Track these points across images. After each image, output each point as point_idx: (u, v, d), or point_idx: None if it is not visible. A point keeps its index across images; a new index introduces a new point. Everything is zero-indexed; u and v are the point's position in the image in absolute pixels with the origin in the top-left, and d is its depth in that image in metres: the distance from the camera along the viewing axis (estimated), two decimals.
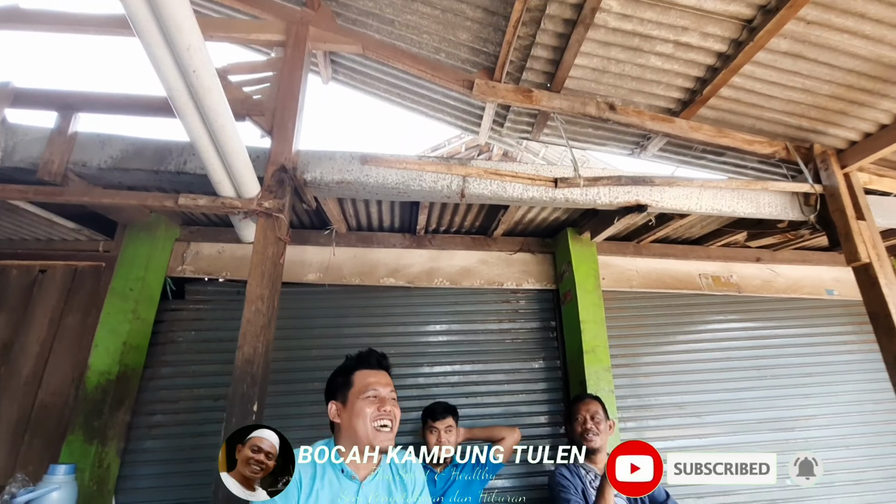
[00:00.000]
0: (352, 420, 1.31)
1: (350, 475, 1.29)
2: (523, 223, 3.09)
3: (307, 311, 2.99)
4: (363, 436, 1.29)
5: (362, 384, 1.36)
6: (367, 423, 1.29)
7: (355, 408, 1.32)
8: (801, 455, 2.89)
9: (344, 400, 1.36)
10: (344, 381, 1.39)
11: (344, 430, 1.33)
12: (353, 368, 1.41)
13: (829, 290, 3.40)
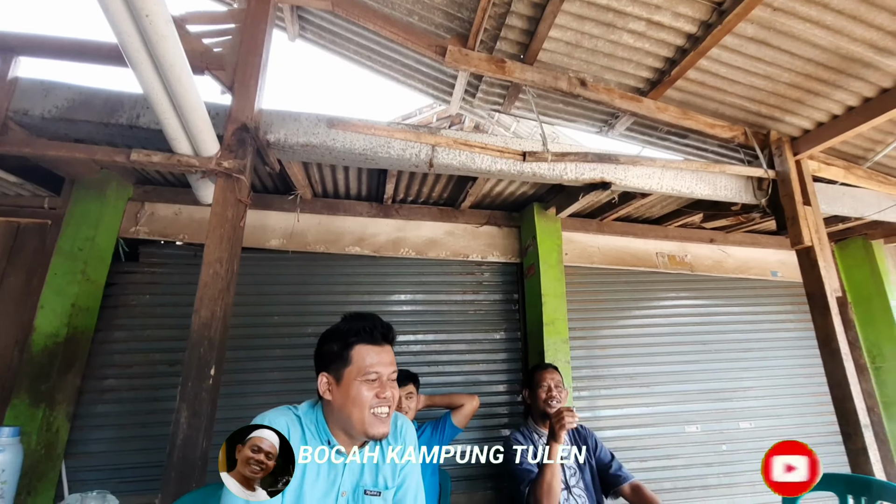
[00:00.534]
0: (345, 403, 1.11)
1: (336, 448, 1.15)
2: (491, 196, 3.10)
3: (269, 278, 2.94)
4: (357, 423, 1.10)
5: (362, 364, 1.13)
6: (363, 410, 1.10)
7: (351, 390, 1.11)
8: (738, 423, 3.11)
9: (338, 377, 1.14)
10: (340, 354, 1.15)
11: (335, 411, 1.14)
12: (353, 342, 1.15)
13: (773, 271, 3.60)
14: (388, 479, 1.18)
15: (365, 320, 1.18)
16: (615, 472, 2.15)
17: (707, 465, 3.06)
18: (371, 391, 1.12)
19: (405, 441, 1.23)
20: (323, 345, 1.20)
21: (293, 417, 1.14)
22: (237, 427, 2.76)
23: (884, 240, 3.57)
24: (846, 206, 2.74)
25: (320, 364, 1.19)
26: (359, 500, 1.13)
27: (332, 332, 1.20)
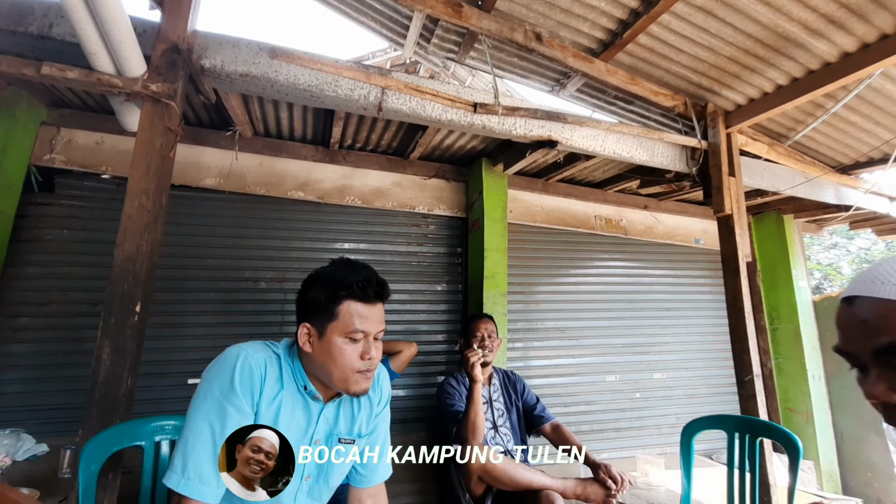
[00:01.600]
0: (326, 359, 1.02)
1: (313, 394, 1.08)
2: (441, 149, 3.07)
3: (204, 219, 2.79)
4: (338, 380, 1.03)
5: (349, 321, 1.02)
6: (344, 369, 1.02)
7: (334, 346, 1.01)
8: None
9: (321, 330, 1.03)
10: (326, 307, 1.03)
11: (314, 363, 1.05)
12: (343, 297, 1.03)
13: (697, 239, 3.89)
14: (362, 428, 1.16)
15: (359, 273, 1.04)
16: (538, 413, 2.33)
17: (621, 410, 3.36)
18: (356, 350, 1.02)
19: (382, 391, 1.21)
20: (307, 291, 1.07)
21: (272, 355, 1.06)
22: (168, 370, 2.69)
23: (794, 215, 3.93)
24: (765, 180, 2.97)
25: (302, 312, 1.07)
26: (332, 448, 1.10)
27: (320, 278, 1.06)
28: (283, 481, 1.01)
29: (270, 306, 2.80)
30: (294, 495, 1.04)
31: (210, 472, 0.92)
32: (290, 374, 1.07)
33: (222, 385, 0.96)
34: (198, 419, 0.95)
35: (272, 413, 1.01)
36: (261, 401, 1.00)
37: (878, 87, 2.41)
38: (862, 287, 0.67)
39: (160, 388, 2.53)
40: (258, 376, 1.00)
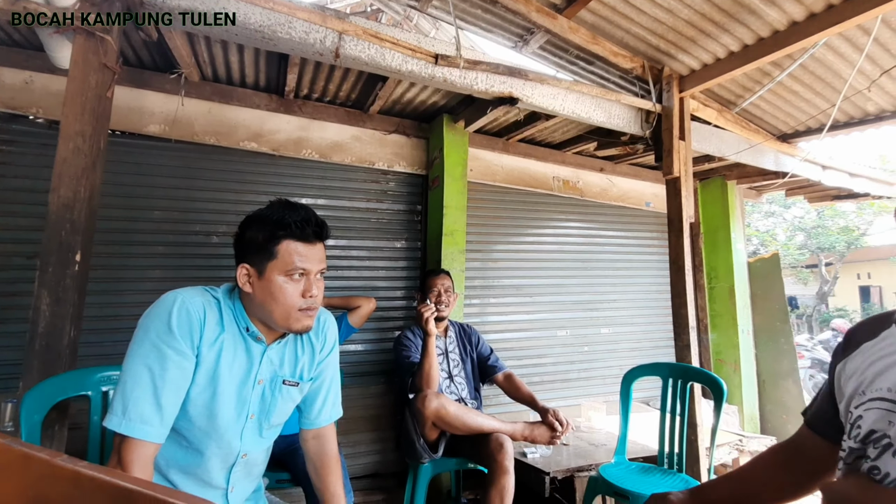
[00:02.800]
0: (266, 298, 1.02)
1: (255, 336, 1.08)
2: (401, 103, 3.01)
3: (149, 168, 2.64)
4: (279, 319, 1.04)
5: (289, 259, 1.02)
6: (286, 307, 1.02)
7: (274, 285, 1.02)
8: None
9: (260, 270, 1.03)
10: (265, 246, 1.02)
11: (255, 303, 1.05)
12: (281, 236, 1.02)
13: (647, 202, 4.05)
14: (305, 371, 1.17)
15: (296, 213, 1.04)
16: (492, 363, 2.44)
17: (570, 362, 3.56)
18: (297, 289, 1.03)
19: (326, 335, 1.21)
20: (245, 232, 1.07)
21: (210, 299, 1.06)
22: (116, 325, 2.61)
23: (737, 181, 4.15)
24: (713, 145, 3.11)
25: (240, 253, 1.07)
26: (276, 389, 1.11)
27: (257, 219, 1.06)
28: (227, 419, 1.04)
29: (224, 261, 2.72)
30: (240, 433, 1.07)
31: (151, 413, 0.92)
32: (231, 316, 1.07)
33: (159, 329, 0.96)
34: (136, 362, 0.94)
35: (214, 355, 1.02)
36: (201, 344, 1.00)
37: (820, 58, 2.53)
38: None
39: (108, 344, 2.46)
40: (197, 320, 0.99)
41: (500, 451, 1.93)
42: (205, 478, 1.06)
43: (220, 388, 1.02)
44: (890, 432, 0.73)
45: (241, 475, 1.11)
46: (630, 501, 1.83)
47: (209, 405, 1.02)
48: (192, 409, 1.00)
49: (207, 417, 1.02)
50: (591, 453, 2.39)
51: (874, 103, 2.88)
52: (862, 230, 14.40)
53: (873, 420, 0.77)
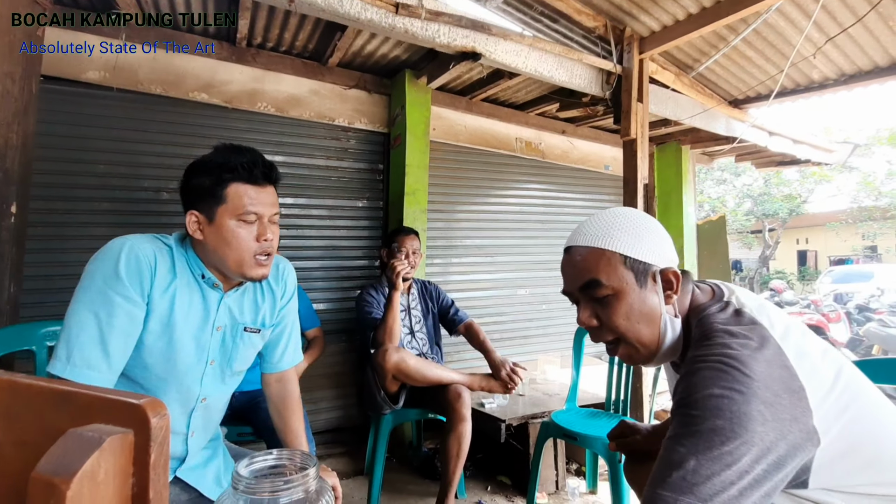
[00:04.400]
0: (219, 244, 1.00)
1: (212, 283, 1.05)
2: (362, 56, 2.91)
3: (91, 119, 2.47)
4: (233, 265, 1.01)
5: (239, 203, 1.00)
6: (240, 251, 1.00)
7: (225, 230, 0.99)
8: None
9: (210, 215, 1.00)
10: (212, 191, 0.99)
11: (208, 250, 1.03)
12: (228, 179, 1.00)
13: (606, 165, 4.15)
14: (267, 317, 1.17)
15: (242, 155, 1.01)
16: (453, 316, 2.50)
17: (530, 320, 3.70)
18: (250, 233, 1.01)
19: (287, 282, 1.21)
20: (190, 179, 1.03)
21: (161, 246, 1.02)
22: (61, 284, 2.50)
23: (690, 146, 4.30)
24: (669, 108, 3.19)
25: (188, 200, 1.03)
26: (237, 336, 1.11)
27: (202, 165, 1.02)
28: (186, 365, 1.04)
29: (176, 218, 2.61)
30: (200, 379, 1.07)
31: (98, 358, 0.90)
32: (185, 264, 1.05)
33: (106, 274, 0.93)
34: (81, 308, 0.91)
35: (167, 302, 1.00)
36: (152, 291, 0.98)
37: (772, 23, 2.61)
38: (574, 238, 0.86)
39: (52, 304, 2.35)
40: (147, 266, 0.97)
41: (458, 400, 2.01)
42: None
43: (177, 335, 1.01)
44: None
45: (201, 420, 1.11)
46: (578, 441, 1.97)
47: (166, 352, 1.01)
48: (149, 357, 0.99)
49: (165, 363, 1.01)
50: (544, 402, 2.53)
51: (819, 71, 3.02)
52: (803, 198, 15.30)
53: None
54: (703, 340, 0.75)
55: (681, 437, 0.66)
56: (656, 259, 0.81)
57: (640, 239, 0.80)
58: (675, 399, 0.73)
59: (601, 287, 0.80)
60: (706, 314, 0.80)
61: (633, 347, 0.83)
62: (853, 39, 2.65)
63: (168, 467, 0.28)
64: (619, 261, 0.80)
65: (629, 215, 0.84)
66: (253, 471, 0.69)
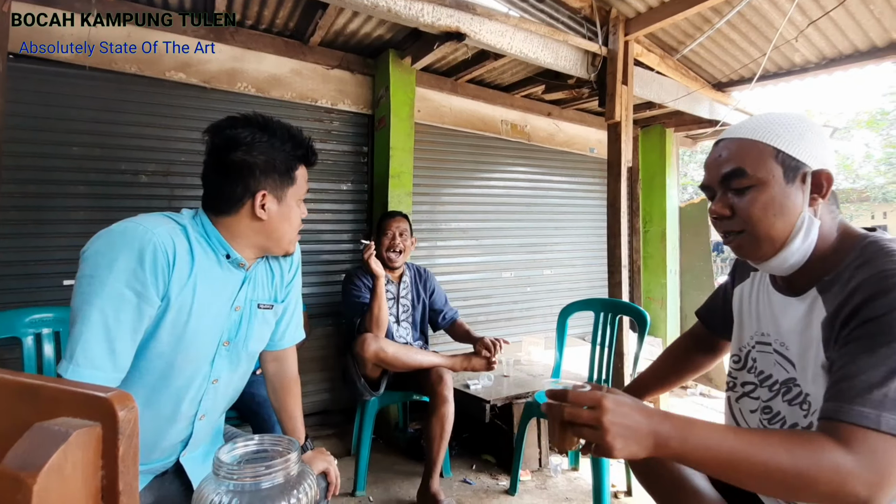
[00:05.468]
0: (282, 223, 1.05)
1: (237, 262, 1.04)
2: (344, 35, 2.84)
3: (63, 99, 2.38)
4: (286, 243, 1.08)
5: (303, 185, 1.09)
6: (293, 233, 1.09)
7: (292, 211, 1.06)
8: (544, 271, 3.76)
9: (280, 196, 1.03)
10: (286, 173, 1.04)
11: (265, 231, 1.04)
12: (297, 161, 1.06)
13: (591, 148, 4.16)
14: (278, 293, 1.17)
15: (303, 138, 1.08)
16: (443, 312, 2.50)
17: (514, 302, 3.74)
18: (301, 213, 1.11)
19: (292, 259, 1.23)
20: (250, 153, 0.99)
21: (175, 226, 0.97)
22: (39, 270, 2.45)
23: (674, 129, 4.32)
24: (654, 91, 3.19)
25: (250, 178, 1.00)
26: (252, 314, 1.09)
27: (262, 144, 1.00)
28: (199, 349, 1.00)
29: (155, 202, 2.58)
30: (212, 359, 1.03)
31: (102, 357, 0.86)
32: (205, 244, 1.01)
33: (115, 266, 0.86)
34: (85, 304, 0.86)
35: (188, 294, 0.96)
36: (170, 286, 0.92)
37: (756, 6, 2.61)
38: (726, 133, 0.86)
39: (31, 290, 2.31)
40: (164, 259, 0.91)
41: (440, 382, 2.04)
42: (175, 408, 1.02)
43: (194, 323, 0.97)
44: (780, 378, 0.89)
45: (211, 403, 1.08)
46: None
47: (181, 340, 0.96)
48: (163, 346, 0.95)
49: (177, 351, 0.97)
50: (528, 383, 2.58)
51: (801, 55, 3.04)
52: None
53: (766, 364, 0.93)
54: (883, 258, 0.74)
55: (877, 353, 0.67)
56: (811, 159, 0.79)
57: (800, 136, 0.79)
58: (851, 314, 0.72)
59: (745, 177, 0.79)
60: (877, 238, 0.78)
61: (757, 241, 0.81)
62: (835, 23, 2.67)
63: (138, 458, 0.28)
64: (770, 153, 0.79)
65: (794, 114, 0.82)
66: (234, 456, 0.70)
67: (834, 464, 0.63)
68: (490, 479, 2.36)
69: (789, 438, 0.67)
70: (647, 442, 0.67)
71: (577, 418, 0.69)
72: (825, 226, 0.82)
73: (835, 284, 0.78)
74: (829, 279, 0.80)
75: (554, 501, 2.17)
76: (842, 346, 0.72)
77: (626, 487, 2.24)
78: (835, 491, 0.63)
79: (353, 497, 2.16)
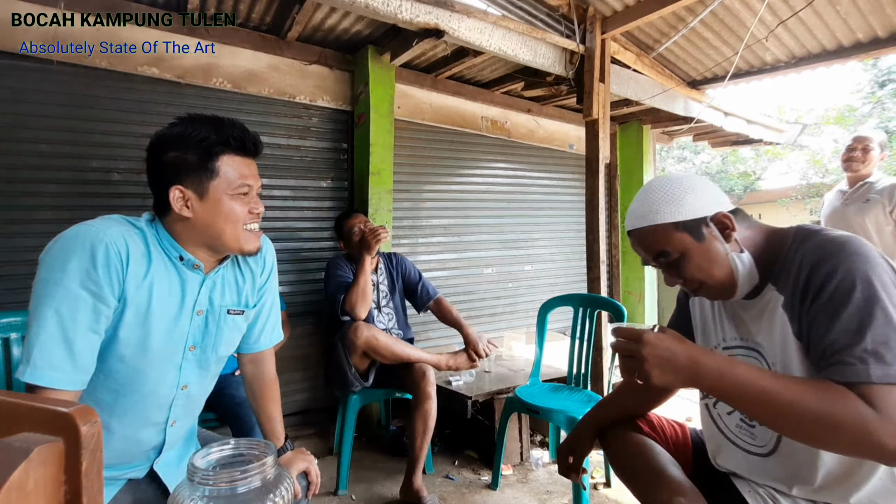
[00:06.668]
0: (215, 219, 0.97)
1: (191, 264, 1.01)
2: (322, 30, 2.81)
3: (30, 95, 2.30)
4: (231, 240, 1.00)
5: (233, 176, 0.97)
6: (237, 226, 0.99)
7: (222, 205, 0.97)
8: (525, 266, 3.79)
9: (201, 191, 0.96)
10: (203, 165, 0.96)
11: (197, 228, 0.99)
12: (219, 151, 0.96)
13: (571, 144, 4.20)
14: (249, 298, 1.13)
15: (232, 127, 0.98)
16: (420, 291, 2.52)
17: (497, 298, 3.77)
18: (244, 206, 1.00)
19: (265, 259, 1.18)
20: (166, 153, 0.96)
21: (131, 228, 0.96)
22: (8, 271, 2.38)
23: (651, 126, 4.39)
24: (630, 89, 3.24)
25: (169, 175, 0.96)
26: (221, 320, 1.06)
27: (181, 138, 0.96)
28: (164, 354, 0.99)
29: (128, 200, 2.51)
30: (179, 366, 1.02)
31: (61, 358, 0.85)
32: (160, 247, 0.99)
33: (68, 267, 0.86)
34: (40, 306, 0.85)
35: (145, 292, 0.95)
36: (126, 284, 0.91)
37: (728, 6, 2.66)
38: (630, 223, 0.98)
39: None
40: (117, 256, 0.90)
41: (423, 378, 2.05)
42: (143, 414, 1.01)
43: (154, 323, 0.96)
44: None
45: (182, 409, 1.07)
46: (541, 415, 2.05)
47: (142, 342, 0.95)
48: (125, 349, 0.94)
49: (142, 354, 0.96)
50: (510, 378, 2.60)
51: (772, 53, 3.12)
52: (757, 175, 15.95)
53: None
54: (814, 235, 0.85)
55: (841, 318, 0.75)
56: (702, 212, 0.90)
57: (681, 203, 0.90)
58: (805, 288, 0.81)
59: (668, 255, 0.92)
60: (802, 225, 0.90)
61: (714, 288, 0.93)
62: (803, 23, 2.75)
63: (102, 473, 0.28)
64: (671, 228, 0.90)
65: (664, 186, 0.93)
66: (209, 462, 0.70)
67: (858, 413, 0.69)
68: (472, 474, 2.38)
69: (818, 385, 0.74)
70: (683, 374, 0.78)
71: (623, 350, 0.81)
72: (749, 240, 0.92)
73: (782, 271, 0.88)
74: (776, 271, 0.90)
75: (535, 494, 2.20)
76: (810, 324, 0.80)
77: (605, 479, 2.29)
78: (858, 439, 0.69)
79: (336, 496, 2.16)
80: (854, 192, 2.66)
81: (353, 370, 2.13)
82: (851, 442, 0.70)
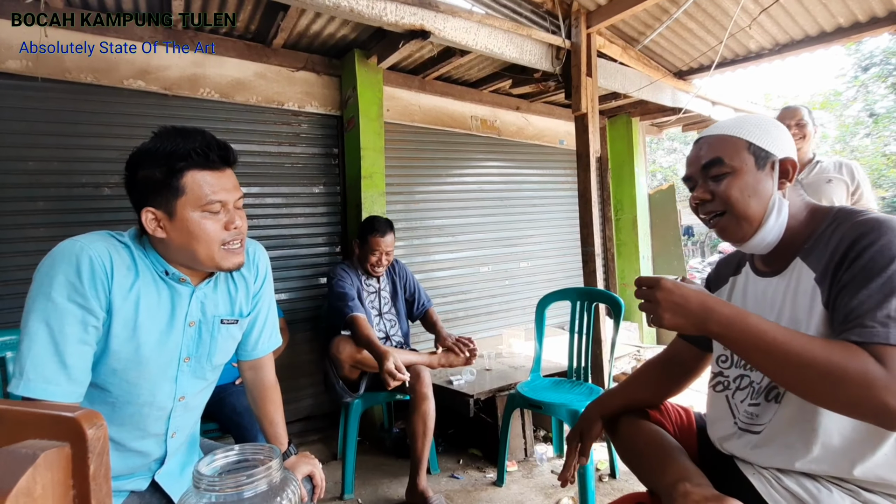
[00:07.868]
0: (187, 240, 0.94)
1: (177, 278, 0.99)
2: (308, 36, 2.81)
3: (15, 112, 2.29)
4: (205, 259, 0.96)
5: (199, 193, 0.92)
6: (210, 245, 0.95)
7: (190, 224, 0.93)
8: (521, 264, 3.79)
9: (170, 211, 0.92)
10: (167, 183, 0.91)
11: (172, 247, 0.96)
12: (182, 168, 0.91)
13: (561, 140, 4.22)
14: (243, 307, 1.13)
15: (193, 139, 0.92)
16: (417, 302, 2.53)
17: (493, 296, 3.78)
18: (218, 223, 0.95)
19: (258, 266, 1.16)
20: (136, 171, 0.93)
21: (117, 244, 0.95)
22: None
23: (640, 118, 4.42)
24: (618, 82, 3.26)
25: (139, 196, 0.94)
26: (214, 330, 1.06)
27: (147, 154, 0.92)
28: (158, 366, 1.00)
29: (121, 215, 2.50)
30: (174, 378, 1.03)
31: (53, 371, 0.86)
32: (145, 261, 0.99)
33: (56, 281, 0.87)
34: (31, 320, 0.86)
35: (131, 304, 0.95)
36: (112, 296, 0.92)
37: None
38: (705, 132, 0.98)
39: None
40: (101, 269, 0.90)
41: (418, 380, 2.05)
42: (142, 426, 1.01)
43: (144, 336, 0.96)
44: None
45: (181, 420, 1.07)
46: (543, 410, 2.05)
47: (135, 355, 0.96)
48: (117, 362, 0.95)
49: (135, 367, 0.96)
50: (510, 375, 2.61)
51: (756, 41, 3.15)
52: None
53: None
54: (856, 215, 0.84)
55: (871, 285, 0.75)
56: (777, 150, 0.91)
57: (767, 132, 0.91)
58: (840, 261, 0.80)
59: (722, 165, 0.91)
60: (843, 206, 0.90)
61: (737, 220, 0.92)
62: (785, 10, 2.77)
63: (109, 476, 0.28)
64: (743, 145, 0.91)
65: (759, 115, 0.98)
66: (214, 468, 0.70)
67: (865, 368, 0.69)
68: (477, 473, 2.39)
69: (831, 342, 0.75)
70: (693, 318, 0.80)
71: (642, 295, 0.86)
72: (794, 205, 0.92)
73: (815, 248, 0.87)
74: (808, 247, 0.89)
75: (541, 489, 2.20)
76: (840, 290, 0.80)
77: (609, 470, 2.30)
78: (861, 395, 0.69)
79: (342, 500, 2.16)
80: (808, 176, 2.36)
81: (340, 383, 2.15)
82: (854, 398, 0.69)
